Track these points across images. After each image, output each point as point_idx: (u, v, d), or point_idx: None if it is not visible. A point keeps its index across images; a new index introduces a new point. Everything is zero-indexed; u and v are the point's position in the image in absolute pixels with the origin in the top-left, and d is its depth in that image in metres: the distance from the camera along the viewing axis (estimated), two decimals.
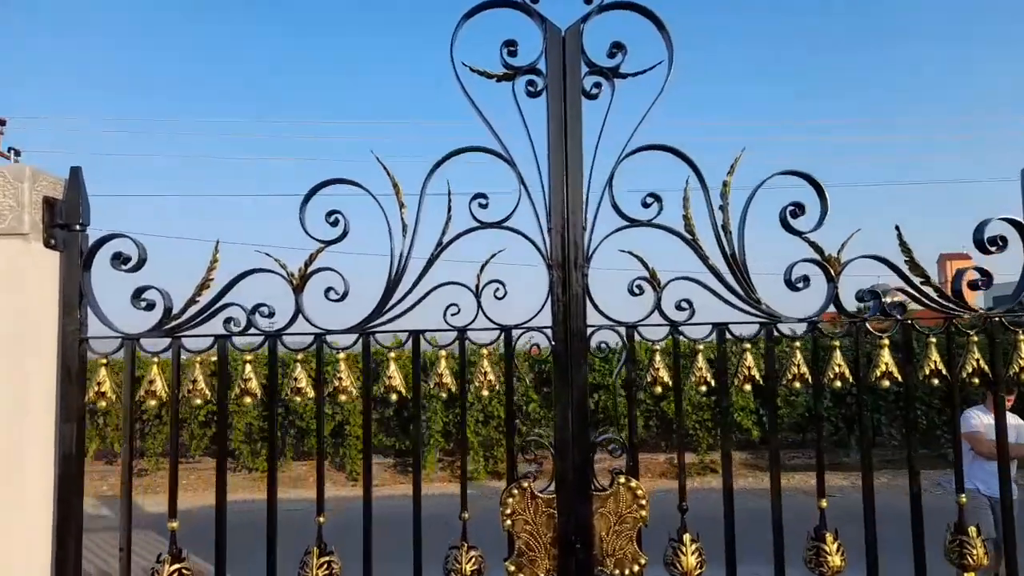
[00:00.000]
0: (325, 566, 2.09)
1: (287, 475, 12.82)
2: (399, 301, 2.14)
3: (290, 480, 12.68)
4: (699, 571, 2.13)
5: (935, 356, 2.20)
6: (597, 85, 2.19)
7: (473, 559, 2.11)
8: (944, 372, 2.20)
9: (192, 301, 2.11)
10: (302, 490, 11.79)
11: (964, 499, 2.19)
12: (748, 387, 2.22)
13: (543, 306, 2.14)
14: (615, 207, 2.19)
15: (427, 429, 12.53)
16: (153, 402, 2.10)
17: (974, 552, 2.14)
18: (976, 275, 2.20)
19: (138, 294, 2.09)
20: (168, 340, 2.11)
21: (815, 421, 2.32)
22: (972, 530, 2.16)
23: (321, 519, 2.14)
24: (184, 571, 2.09)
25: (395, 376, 2.14)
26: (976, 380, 2.21)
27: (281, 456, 12.84)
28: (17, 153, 18.71)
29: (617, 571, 2.11)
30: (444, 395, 2.16)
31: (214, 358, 2.12)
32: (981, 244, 2.19)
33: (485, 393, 2.16)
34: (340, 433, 12.84)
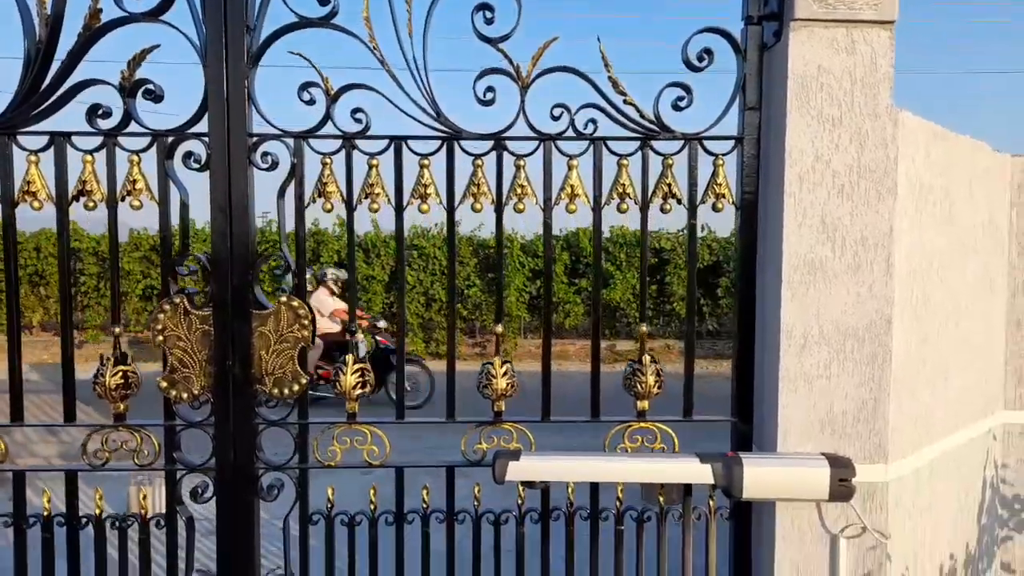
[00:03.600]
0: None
1: None
2: (41, 99, 1.95)
3: None
4: (359, 392, 2.08)
5: (624, 179, 2.06)
6: None
7: (119, 373, 2.04)
8: (634, 197, 2.07)
9: None
10: None
11: (644, 328, 2.12)
12: (426, 207, 2.09)
13: (200, 111, 1.97)
14: (285, 2, 1.97)
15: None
16: None
17: (644, 381, 2.09)
18: (680, 92, 2.03)
19: None
20: None
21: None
22: (646, 359, 2.10)
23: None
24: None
25: (36, 181, 1.99)
26: (669, 207, 2.08)
27: None
28: None
29: (276, 390, 2.04)
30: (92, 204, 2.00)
31: None
32: (688, 63, 2.01)
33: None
34: None
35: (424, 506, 2.15)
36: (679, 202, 2.08)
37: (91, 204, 2.01)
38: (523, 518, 2.17)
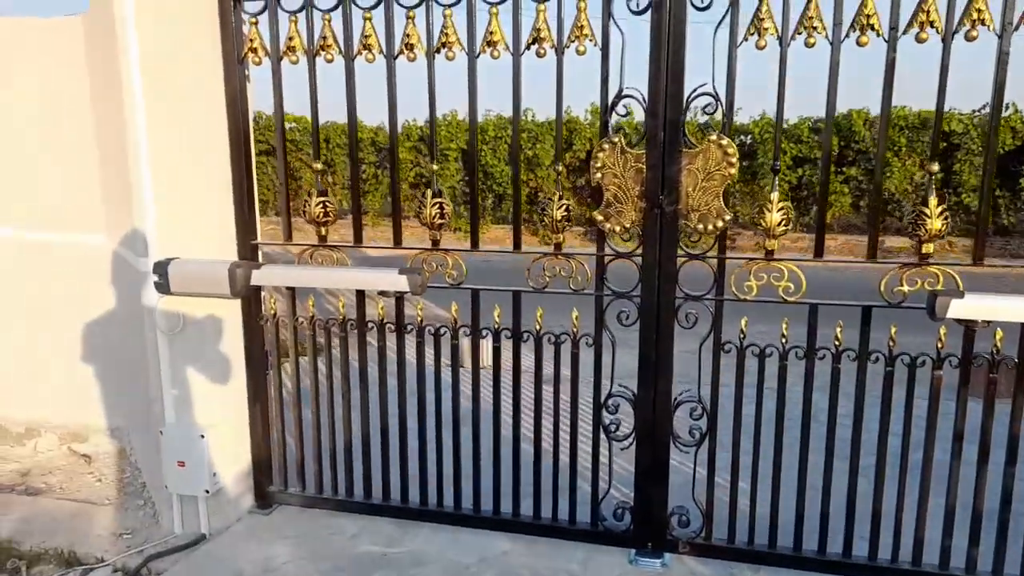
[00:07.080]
0: (437, 206, 2.39)
1: (486, 236, 13.82)
2: None
3: (489, 241, 13.70)
4: (782, 228, 2.14)
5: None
6: None
7: (564, 207, 2.28)
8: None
9: None
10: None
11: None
12: None
13: None
14: None
15: None
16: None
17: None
18: None
19: None
20: None
21: None
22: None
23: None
24: (328, 204, 2.48)
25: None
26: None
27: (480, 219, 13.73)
28: None
29: (701, 225, 2.17)
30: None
31: None
32: None
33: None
34: (534, 201, 13.29)
35: (836, 343, 2.21)
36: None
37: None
38: (941, 362, 2.14)
